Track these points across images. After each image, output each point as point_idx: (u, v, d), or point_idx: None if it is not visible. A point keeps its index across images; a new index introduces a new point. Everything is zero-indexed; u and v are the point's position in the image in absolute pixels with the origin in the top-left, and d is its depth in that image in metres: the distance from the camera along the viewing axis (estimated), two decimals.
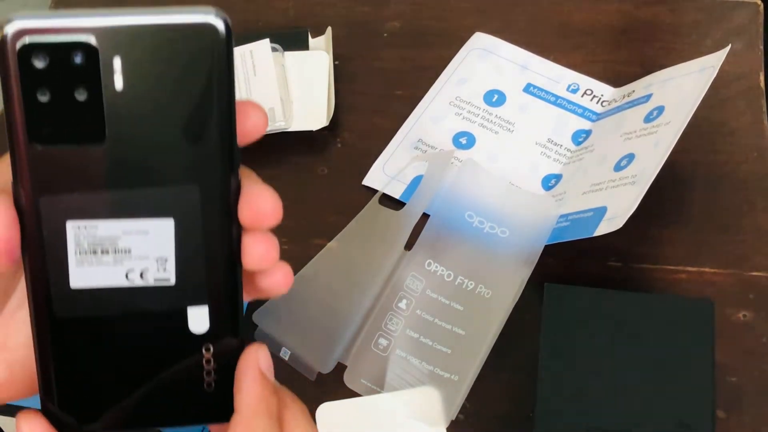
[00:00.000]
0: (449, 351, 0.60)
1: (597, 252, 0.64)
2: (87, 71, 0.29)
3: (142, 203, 0.31)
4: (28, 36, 0.29)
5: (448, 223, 0.65)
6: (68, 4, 0.82)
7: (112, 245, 0.32)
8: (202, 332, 0.33)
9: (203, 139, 0.31)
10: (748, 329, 0.61)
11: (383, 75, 0.75)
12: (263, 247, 0.33)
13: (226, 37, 0.30)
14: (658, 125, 0.64)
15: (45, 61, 0.29)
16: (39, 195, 0.31)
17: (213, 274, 0.33)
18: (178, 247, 0.32)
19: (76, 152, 0.30)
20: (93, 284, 0.32)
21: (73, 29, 0.29)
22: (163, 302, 0.33)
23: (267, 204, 0.32)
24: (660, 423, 0.52)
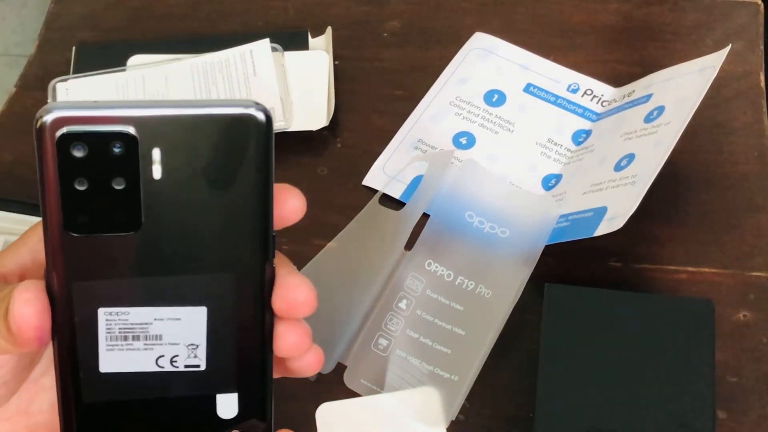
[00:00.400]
0: (449, 351, 0.60)
1: (597, 252, 0.64)
2: (125, 161, 0.29)
3: (175, 291, 0.31)
4: (67, 126, 0.28)
5: (448, 223, 0.65)
6: (67, 5, 0.82)
7: (143, 332, 0.32)
8: (231, 417, 0.33)
9: (239, 228, 0.31)
10: (748, 329, 0.61)
11: (383, 75, 0.75)
12: (296, 336, 0.33)
13: (266, 130, 0.30)
14: (659, 125, 0.64)
15: (83, 150, 0.29)
16: (71, 282, 0.31)
17: (244, 361, 0.33)
18: (210, 334, 0.32)
19: (111, 240, 0.30)
20: (122, 369, 0.32)
21: (113, 119, 0.29)
22: (193, 388, 0.33)
23: (301, 295, 0.33)
24: (660, 423, 0.52)
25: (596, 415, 0.53)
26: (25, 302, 0.30)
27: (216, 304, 0.32)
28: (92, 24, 0.80)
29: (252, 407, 0.33)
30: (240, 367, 0.33)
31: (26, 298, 0.30)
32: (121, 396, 0.32)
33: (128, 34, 0.79)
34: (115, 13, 0.81)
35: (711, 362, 0.54)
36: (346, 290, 0.62)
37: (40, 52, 0.78)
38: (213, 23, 0.80)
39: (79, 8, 0.81)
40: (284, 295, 0.32)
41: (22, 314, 0.30)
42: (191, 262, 0.31)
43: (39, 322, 0.30)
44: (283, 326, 0.33)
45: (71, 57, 0.76)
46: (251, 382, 0.33)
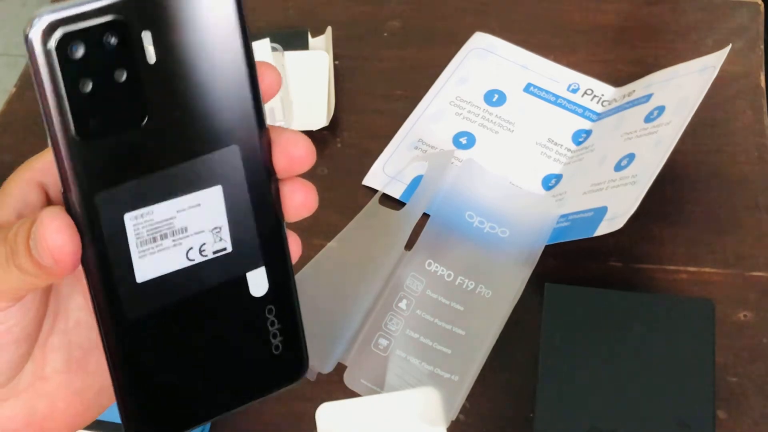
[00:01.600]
0: (449, 351, 0.60)
1: (597, 252, 0.64)
2: (121, 51, 0.29)
3: (190, 177, 0.31)
4: (59, 28, 0.28)
5: (448, 223, 0.65)
6: None
7: (169, 228, 0.31)
8: (263, 294, 0.33)
9: (233, 99, 0.31)
10: (748, 329, 0.61)
11: (383, 75, 0.75)
12: (302, 194, 0.33)
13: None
14: (659, 125, 0.64)
15: (80, 49, 0.28)
16: (93, 193, 0.30)
17: (264, 233, 0.33)
18: (229, 212, 0.32)
19: (122, 139, 0.30)
20: (158, 273, 0.31)
21: (99, 10, 0.28)
22: (224, 272, 0.32)
23: (299, 147, 0.32)
24: (660, 423, 0.52)
25: (596, 415, 0.53)
26: (56, 231, 0.29)
27: (228, 180, 0.31)
28: None
29: (279, 280, 0.33)
30: (261, 240, 0.33)
31: (57, 226, 0.29)
32: (161, 303, 0.32)
33: None
34: None
35: (711, 362, 0.54)
36: (346, 290, 0.62)
37: None
38: None
39: None
40: (283, 150, 0.32)
41: (56, 243, 0.29)
42: (198, 143, 0.31)
43: (74, 246, 0.29)
44: (288, 187, 0.33)
45: None
46: (274, 253, 0.33)
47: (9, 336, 0.32)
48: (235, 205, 0.32)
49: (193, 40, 0.30)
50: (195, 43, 0.30)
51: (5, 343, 0.32)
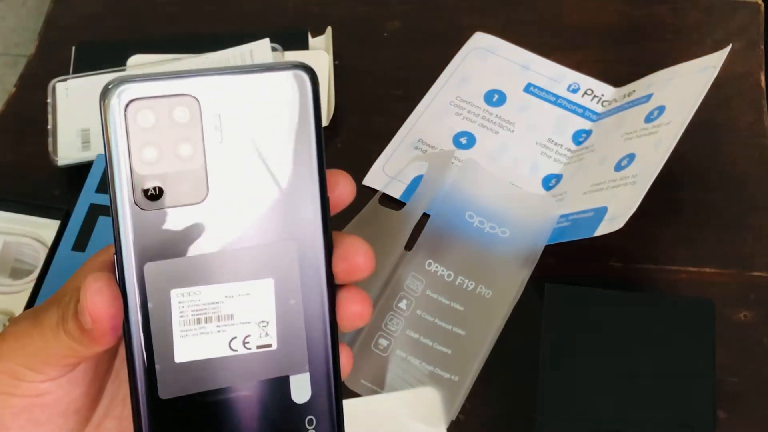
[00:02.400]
0: (449, 351, 0.60)
1: (597, 252, 0.64)
2: (190, 128, 0.29)
3: (243, 264, 0.30)
4: (133, 95, 0.28)
5: (448, 223, 0.65)
6: (67, 5, 0.82)
7: (215, 312, 0.30)
8: (304, 402, 0.32)
9: (301, 193, 0.31)
10: (748, 329, 0.61)
11: (383, 75, 0.75)
12: (359, 306, 0.32)
13: (314, 90, 0.30)
14: (659, 125, 0.64)
15: (151, 119, 0.29)
16: (143, 263, 0.30)
17: (313, 337, 0.32)
18: (279, 308, 0.31)
19: (180, 214, 0.30)
20: (197, 357, 0.31)
21: (177, 86, 0.29)
22: (266, 370, 0.31)
23: (360, 254, 0.32)
24: (660, 423, 0.52)
25: (597, 415, 0.53)
26: (97, 292, 0.29)
27: (282, 274, 0.31)
28: (92, 24, 0.80)
29: (323, 389, 0.32)
30: (310, 343, 0.32)
31: (98, 288, 0.29)
32: (197, 388, 0.31)
33: (128, 34, 0.79)
34: (115, 13, 0.81)
35: (711, 362, 0.54)
36: None
37: (40, 52, 0.78)
38: (213, 23, 0.80)
39: (79, 8, 0.81)
40: (344, 257, 0.31)
41: (95, 304, 0.29)
42: (256, 232, 0.30)
43: (113, 309, 0.29)
44: (345, 294, 0.32)
45: (71, 57, 0.76)
46: (322, 360, 0.32)
47: (56, 408, 0.32)
48: (286, 303, 0.31)
49: (265, 130, 0.30)
50: (266, 134, 0.30)
51: (52, 414, 0.32)
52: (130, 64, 0.75)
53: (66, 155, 0.69)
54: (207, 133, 0.29)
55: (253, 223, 0.30)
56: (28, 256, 0.63)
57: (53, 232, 0.63)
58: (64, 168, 0.68)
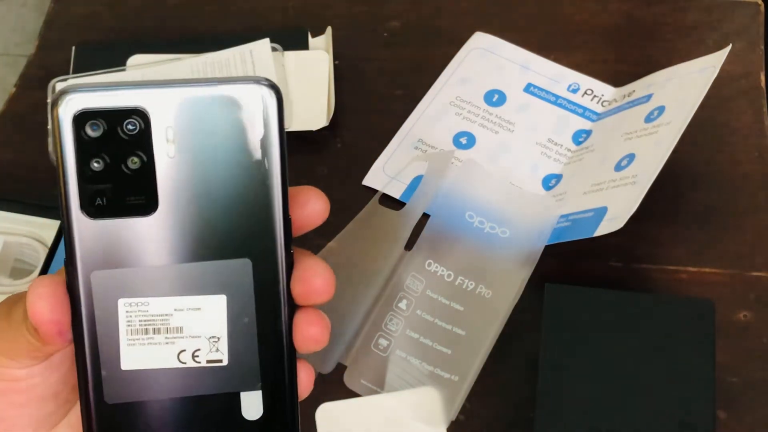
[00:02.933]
0: (449, 351, 0.60)
1: (597, 252, 0.64)
2: (140, 140, 0.29)
3: (194, 279, 0.30)
4: (82, 106, 0.28)
5: (448, 223, 0.65)
6: (67, 5, 0.82)
7: (163, 324, 0.31)
8: (255, 419, 0.32)
9: (257, 211, 0.30)
10: (748, 329, 0.61)
11: (383, 75, 0.75)
12: (317, 329, 0.32)
13: (277, 106, 0.30)
14: (659, 125, 0.64)
15: (99, 130, 0.29)
16: (90, 271, 0.30)
17: (267, 355, 0.31)
18: (231, 325, 0.31)
19: (128, 225, 0.30)
20: (144, 366, 0.31)
21: (127, 97, 0.29)
22: (216, 385, 0.31)
23: (318, 277, 0.31)
24: (660, 423, 0.52)
25: (596, 415, 0.53)
26: (38, 296, 0.30)
27: (235, 291, 0.31)
28: (92, 24, 0.80)
29: (277, 407, 0.32)
30: (263, 362, 0.32)
31: (40, 293, 0.30)
32: (143, 396, 0.31)
33: (128, 34, 0.79)
34: (115, 13, 0.81)
35: (711, 362, 0.54)
36: (346, 290, 0.62)
37: (40, 52, 0.78)
38: (213, 23, 0.80)
39: (79, 8, 0.81)
40: (302, 279, 0.31)
41: (36, 309, 0.30)
42: (209, 247, 0.30)
43: (55, 315, 0.30)
44: (303, 317, 0.32)
45: (71, 57, 0.76)
46: (276, 379, 0.32)
47: (34, 392, 0.33)
48: (239, 320, 0.31)
49: (220, 144, 0.29)
50: (221, 148, 0.29)
51: (30, 398, 0.33)
52: (130, 64, 0.75)
53: None
54: (157, 146, 0.29)
55: (206, 238, 0.30)
56: (28, 256, 0.64)
57: (53, 232, 0.63)
58: None
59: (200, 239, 0.30)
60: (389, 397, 0.58)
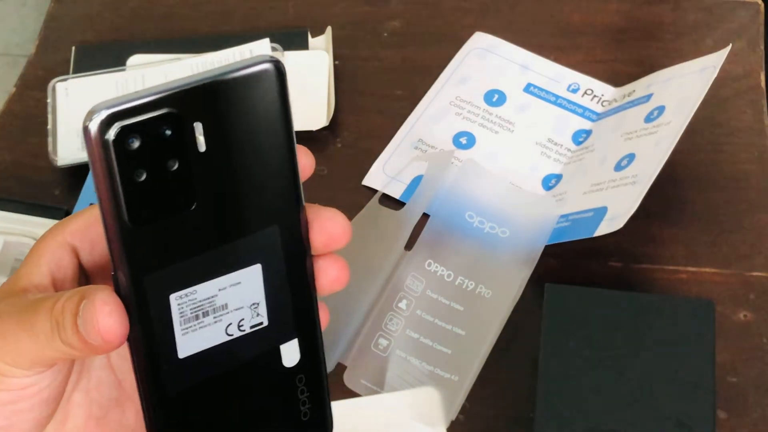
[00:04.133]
0: (449, 351, 0.60)
1: (597, 252, 0.64)
2: (175, 141, 0.30)
3: (232, 257, 0.32)
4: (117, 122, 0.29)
5: (448, 223, 0.65)
6: (67, 5, 0.82)
7: (210, 305, 0.32)
8: (294, 365, 0.34)
9: (277, 180, 0.32)
10: (748, 329, 0.61)
11: (383, 75, 0.75)
12: (336, 269, 0.34)
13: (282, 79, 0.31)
14: (659, 125, 0.64)
15: (137, 142, 0.29)
16: (142, 276, 0.31)
17: (298, 306, 0.34)
18: (267, 289, 0.33)
19: (172, 224, 0.31)
20: (198, 349, 0.32)
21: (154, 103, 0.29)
22: (260, 346, 0.34)
23: (338, 226, 0.34)
24: (660, 423, 0.52)
25: (596, 415, 0.53)
26: (108, 314, 0.30)
27: (267, 257, 0.33)
28: (92, 24, 0.80)
29: (310, 350, 0.35)
30: (296, 313, 0.34)
31: (109, 310, 0.30)
32: (200, 377, 0.33)
33: (128, 34, 0.79)
34: (115, 13, 0.81)
35: (711, 362, 0.54)
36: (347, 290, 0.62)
37: (40, 52, 0.78)
38: (213, 23, 0.80)
39: (79, 8, 0.81)
40: (322, 229, 0.33)
41: (107, 325, 0.30)
42: (242, 225, 0.32)
43: (123, 328, 0.31)
44: (323, 262, 0.34)
45: (71, 57, 0.76)
46: (307, 325, 0.34)
47: (39, 396, 0.33)
48: (273, 282, 0.33)
49: (241, 129, 0.31)
50: (242, 132, 0.31)
51: (35, 403, 0.33)
52: (130, 64, 0.75)
53: (66, 155, 0.69)
54: (190, 144, 0.30)
55: (240, 217, 0.32)
56: None
57: None
58: (64, 168, 0.68)
59: (235, 219, 0.32)
60: (389, 397, 0.58)
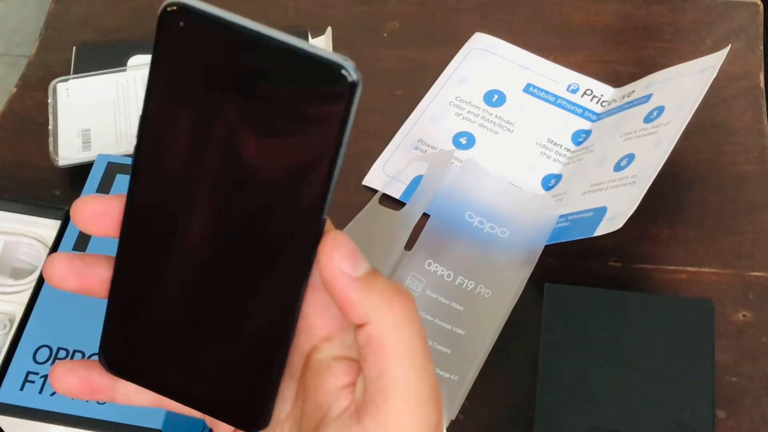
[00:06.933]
0: (449, 351, 0.60)
1: (597, 252, 0.64)
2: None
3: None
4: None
5: (448, 223, 0.65)
6: (67, 5, 0.82)
7: None
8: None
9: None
10: (748, 329, 0.61)
11: (383, 75, 0.75)
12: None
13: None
14: (658, 125, 0.64)
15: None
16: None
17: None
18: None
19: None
20: None
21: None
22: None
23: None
24: (660, 423, 0.52)
25: (596, 415, 0.53)
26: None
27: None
28: (92, 24, 0.80)
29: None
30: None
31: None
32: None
33: (128, 34, 0.79)
34: (115, 13, 0.81)
35: (711, 362, 0.54)
36: None
37: (41, 52, 0.78)
38: None
39: (80, 8, 0.81)
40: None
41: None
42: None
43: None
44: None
45: (71, 57, 0.77)
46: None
47: None
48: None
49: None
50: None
51: None
52: (130, 64, 0.75)
53: (66, 155, 0.69)
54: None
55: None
56: (28, 256, 0.64)
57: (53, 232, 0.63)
58: (64, 168, 0.68)
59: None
60: None
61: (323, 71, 0.30)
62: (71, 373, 0.34)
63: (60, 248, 0.61)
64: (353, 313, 0.31)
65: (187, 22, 0.29)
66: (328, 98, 0.31)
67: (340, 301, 0.31)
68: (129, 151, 0.68)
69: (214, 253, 0.32)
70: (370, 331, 0.31)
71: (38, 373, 0.53)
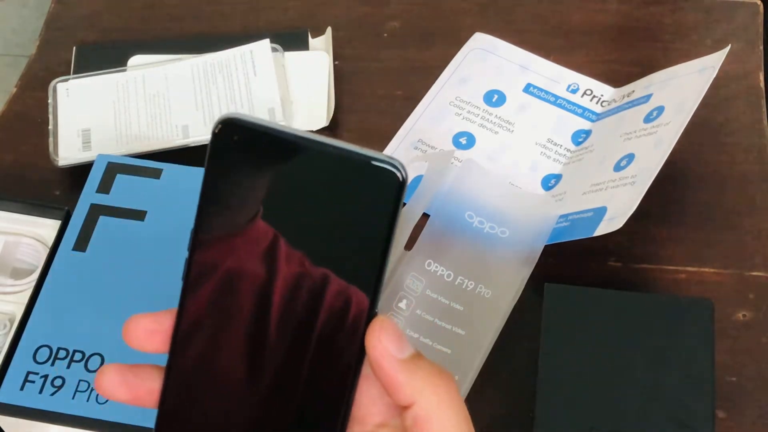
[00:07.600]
0: (449, 351, 0.60)
1: (597, 252, 0.64)
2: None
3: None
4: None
5: (448, 223, 0.65)
6: (67, 5, 0.82)
7: None
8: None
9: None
10: (748, 329, 0.61)
11: (383, 75, 0.76)
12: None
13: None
14: (658, 125, 0.64)
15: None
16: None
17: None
18: None
19: None
20: None
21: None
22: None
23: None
24: (660, 423, 0.52)
25: (596, 415, 0.53)
26: None
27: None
28: (92, 24, 0.80)
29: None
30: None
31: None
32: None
33: (128, 34, 0.79)
34: (115, 13, 0.81)
35: (711, 362, 0.54)
36: None
37: (41, 52, 0.79)
38: (213, 23, 0.80)
39: (80, 8, 0.81)
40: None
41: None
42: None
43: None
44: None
45: (72, 57, 0.77)
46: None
47: None
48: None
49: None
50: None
51: None
52: (131, 64, 0.75)
53: (67, 155, 0.69)
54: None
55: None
56: (28, 255, 0.64)
57: (54, 232, 0.63)
58: (64, 168, 0.69)
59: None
60: None
61: (374, 171, 0.31)
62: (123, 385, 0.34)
63: (60, 248, 0.61)
64: (400, 393, 0.32)
65: (241, 134, 0.30)
66: (380, 197, 0.31)
67: (387, 382, 0.32)
68: (129, 151, 0.68)
69: (269, 356, 0.32)
70: (417, 411, 0.32)
71: (38, 373, 0.53)
